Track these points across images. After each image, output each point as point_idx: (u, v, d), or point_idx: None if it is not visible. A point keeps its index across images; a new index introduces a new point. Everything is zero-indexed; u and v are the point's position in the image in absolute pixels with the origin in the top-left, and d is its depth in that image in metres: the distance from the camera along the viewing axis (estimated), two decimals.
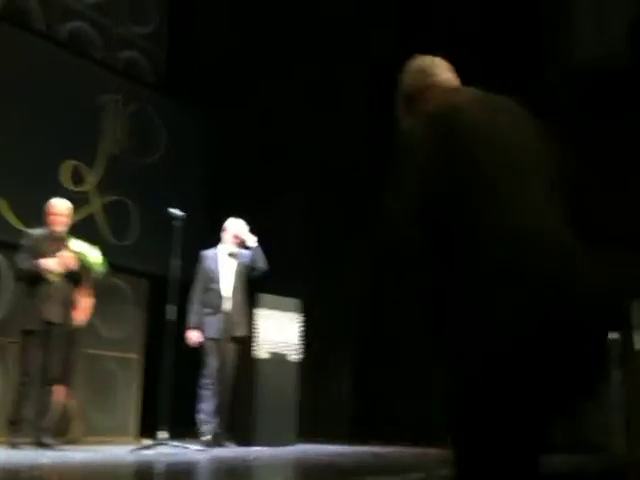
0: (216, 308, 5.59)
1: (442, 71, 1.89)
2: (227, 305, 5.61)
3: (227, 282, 5.70)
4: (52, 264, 5.01)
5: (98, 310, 5.64)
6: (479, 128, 1.62)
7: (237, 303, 5.67)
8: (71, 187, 6.59)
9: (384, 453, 5.61)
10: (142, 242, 7.04)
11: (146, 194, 7.08)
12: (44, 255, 5.04)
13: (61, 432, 5.38)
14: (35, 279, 5.04)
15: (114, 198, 6.97)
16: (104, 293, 6.06)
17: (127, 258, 6.82)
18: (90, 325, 5.66)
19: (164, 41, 7.93)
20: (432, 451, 5.13)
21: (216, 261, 5.75)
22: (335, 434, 6.76)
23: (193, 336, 5.56)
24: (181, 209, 5.54)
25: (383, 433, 6.81)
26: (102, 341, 6.78)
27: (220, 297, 5.62)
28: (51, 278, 5.02)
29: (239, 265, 5.74)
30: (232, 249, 5.79)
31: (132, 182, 7.10)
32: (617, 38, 5.34)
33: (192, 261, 5.73)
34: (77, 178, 6.72)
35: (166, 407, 5.06)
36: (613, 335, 1.51)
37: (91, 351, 6.57)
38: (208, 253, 5.79)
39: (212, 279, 5.68)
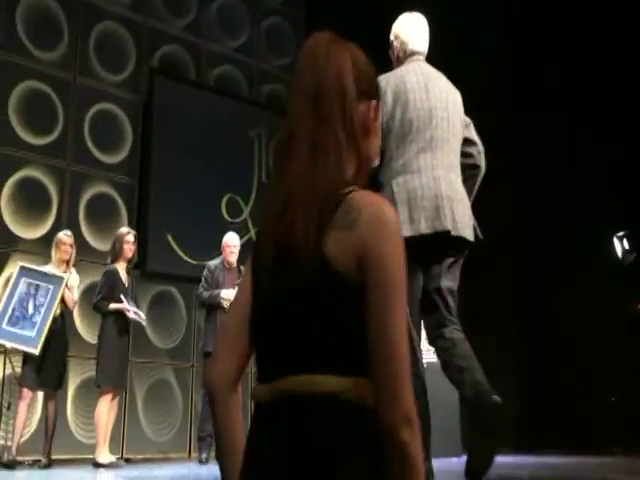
0: None
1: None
2: None
3: None
4: (230, 294, 5.43)
5: None
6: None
7: None
8: (229, 219, 7.11)
9: (560, 464, 5.30)
10: None
11: None
12: (222, 285, 5.53)
13: None
14: (214, 307, 5.52)
15: None
16: None
17: None
18: None
19: None
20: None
21: None
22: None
23: None
24: None
25: (550, 439, 6.71)
26: None
27: None
28: (227, 306, 5.44)
29: None
30: None
31: None
32: None
33: None
34: (234, 210, 7.24)
35: None
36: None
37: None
38: None
39: None
